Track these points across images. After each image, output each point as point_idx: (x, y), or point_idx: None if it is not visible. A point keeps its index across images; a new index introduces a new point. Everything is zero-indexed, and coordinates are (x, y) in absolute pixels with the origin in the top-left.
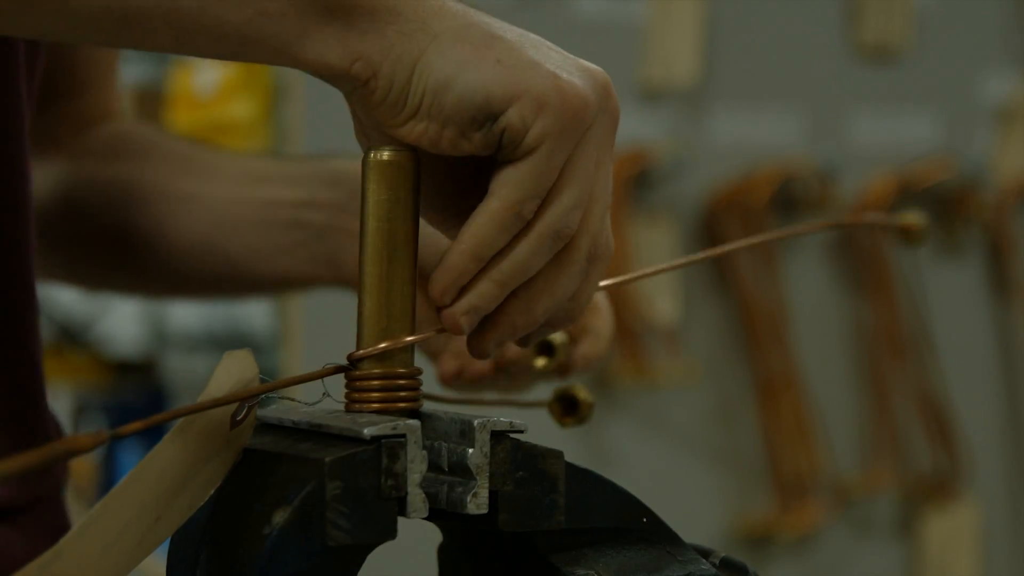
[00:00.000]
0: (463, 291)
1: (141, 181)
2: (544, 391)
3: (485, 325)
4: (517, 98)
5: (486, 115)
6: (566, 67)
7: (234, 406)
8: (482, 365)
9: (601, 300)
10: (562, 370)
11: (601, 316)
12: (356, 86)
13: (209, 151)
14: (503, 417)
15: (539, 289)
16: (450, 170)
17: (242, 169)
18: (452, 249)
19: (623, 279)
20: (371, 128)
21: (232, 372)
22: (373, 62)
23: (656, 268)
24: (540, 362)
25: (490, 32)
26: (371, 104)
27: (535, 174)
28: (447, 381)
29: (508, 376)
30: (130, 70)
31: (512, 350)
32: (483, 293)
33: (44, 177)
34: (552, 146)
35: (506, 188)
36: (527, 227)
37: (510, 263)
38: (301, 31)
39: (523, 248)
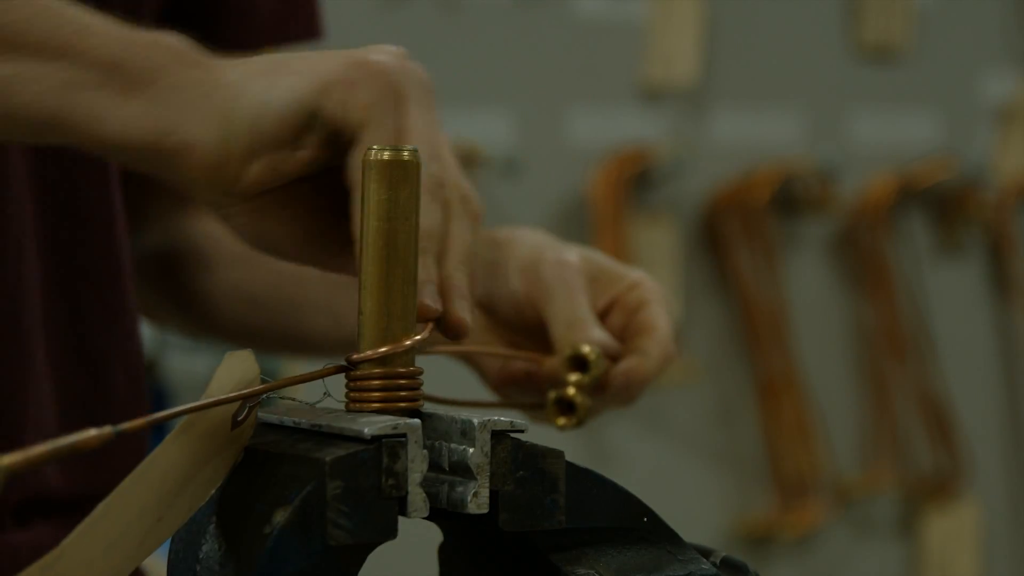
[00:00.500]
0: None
1: (226, 281)
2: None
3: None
4: (326, 89)
5: (308, 116)
6: (354, 54)
7: (235, 406)
8: (522, 365)
9: (659, 322)
10: (599, 386)
11: (653, 337)
12: (169, 161)
13: None
14: (504, 417)
15: (454, 246)
16: (300, 199)
17: None
18: (422, 253)
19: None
20: (210, 195)
21: (234, 372)
22: (181, 131)
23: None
24: (573, 377)
25: (274, 58)
26: (194, 173)
27: (375, 142)
28: (499, 386)
29: (545, 391)
30: None
31: (549, 365)
32: (459, 283)
33: (173, 230)
34: (379, 110)
35: (358, 168)
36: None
37: (456, 242)
38: (99, 109)
39: (455, 225)
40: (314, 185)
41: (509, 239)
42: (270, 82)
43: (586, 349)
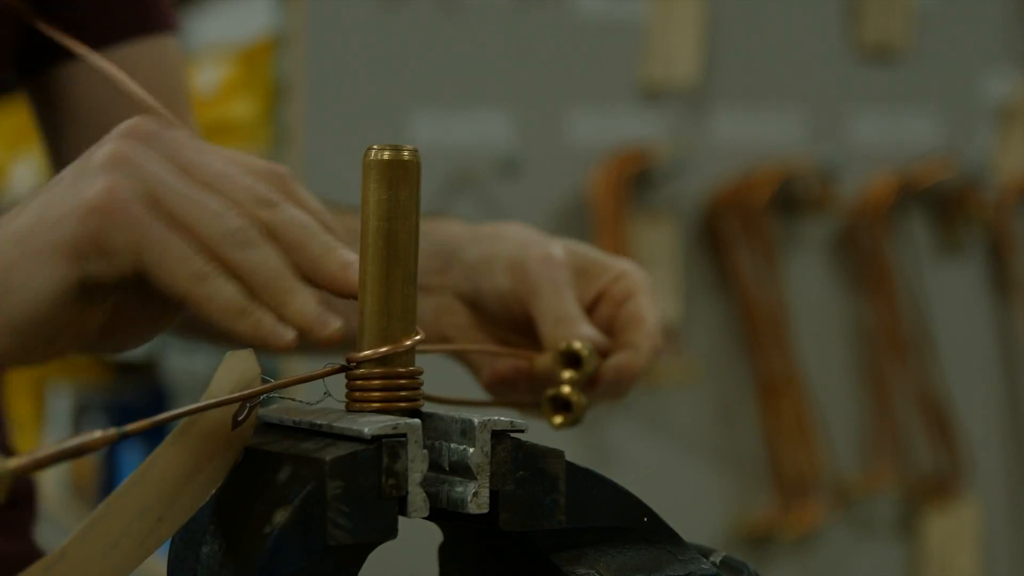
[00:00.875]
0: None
1: None
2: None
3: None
4: (78, 256)
5: (74, 291)
6: (76, 193)
7: (236, 406)
8: (514, 362)
9: (647, 314)
10: (590, 381)
11: (642, 330)
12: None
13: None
14: (504, 416)
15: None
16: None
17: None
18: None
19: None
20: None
21: (234, 372)
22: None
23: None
24: (567, 373)
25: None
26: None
27: (168, 262)
28: (491, 384)
29: (538, 388)
30: None
31: (541, 362)
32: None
33: None
34: (141, 237)
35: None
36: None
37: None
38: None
39: (244, 256)
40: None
41: (494, 235)
42: (28, 276)
43: (578, 346)
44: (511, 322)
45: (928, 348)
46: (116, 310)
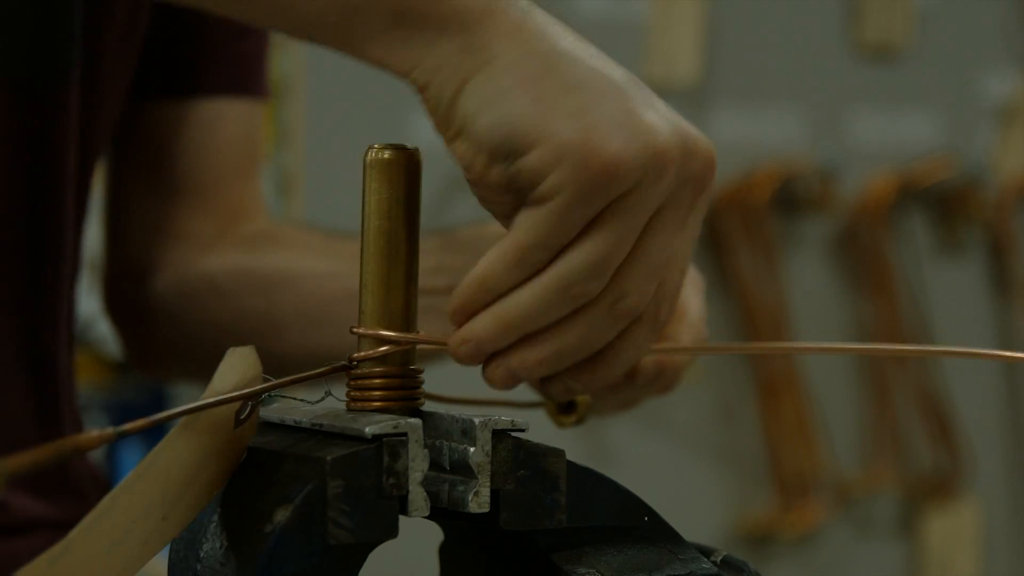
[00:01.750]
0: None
1: (284, 264)
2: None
3: (496, 357)
4: (540, 142)
5: (507, 151)
6: (620, 123)
7: (237, 404)
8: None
9: (689, 307)
10: (630, 373)
11: (684, 321)
12: (417, 90)
13: (347, 238)
14: (505, 416)
15: (552, 338)
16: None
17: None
18: (467, 275)
19: (673, 348)
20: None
21: (236, 369)
22: (426, 74)
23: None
24: None
25: (547, 66)
26: (428, 111)
27: (545, 224)
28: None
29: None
30: None
31: None
32: (484, 325)
33: (190, 271)
34: (567, 200)
35: (519, 229)
36: (538, 275)
37: (512, 303)
38: (369, 31)
39: (526, 293)
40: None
41: None
42: (511, 92)
43: None
44: None
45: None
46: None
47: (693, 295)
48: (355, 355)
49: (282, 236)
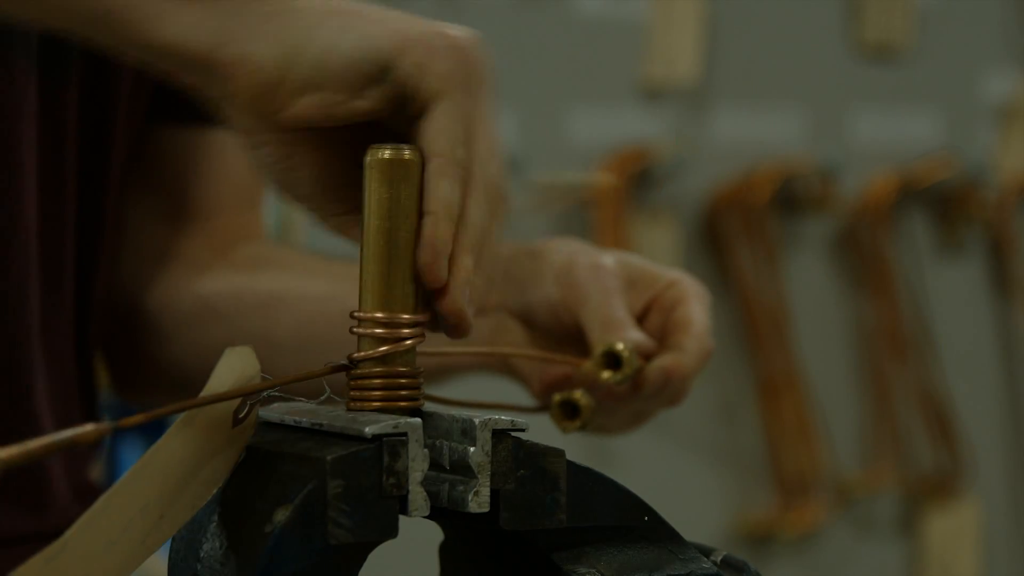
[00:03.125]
0: (450, 277)
1: (282, 285)
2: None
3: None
4: (406, 48)
5: (380, 69)
6: (435, 24)
7: (236, 403)
8: (563, 369)
9: (695, 318)
10: (636, 384)
11: (689, 332)
12: (218, 74)
13: (346, 262)
14: (505, 416)
15: (468, 228)
16: (334, 145)
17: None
18: (425, 222)
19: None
20: (249, 118)
21: (234, 368)
22: (240, 45)
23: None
24: (606, 374)
25: (358, 6)
26: (241, 90)
27: (452, 118)
28: (541, 392)
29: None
30: None
31: (587, 367)
32: (467, 266)
33: (183, 293)
34: (455, 88)
35: (436, 140)
36: (470, 185)
37: (473, 228)
38: (159, 9)
39: (475, 212)
40: (352, 134)
41: (543, 249)
42: (348, 23)
43: (619, 346)
44: (563, 333)
45: (928, 348)
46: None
47: (697, 308)
48: (355, 355)
49: (280, 258)
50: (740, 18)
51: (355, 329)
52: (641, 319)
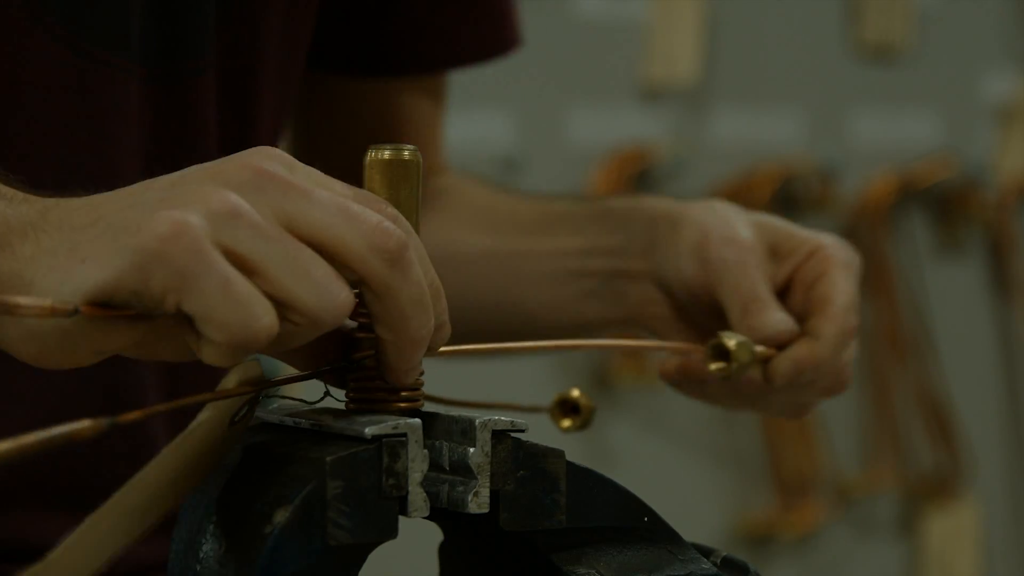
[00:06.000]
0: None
1: (445, 242)
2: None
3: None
4: (117, 278)
5: (100, 301)
6: (160, 207)
7: (234, 405)
8: (685, 360)
9: (835, 295)
10: (766, 376)
11: (827, 314)
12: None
13: (511, 196)
14: (504, 416)
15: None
16: None
17: (534, 215)
18: (385, 349)
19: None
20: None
21: (236, 372)
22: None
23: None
24: (714, 366)
25: (73, 243)
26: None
27: (199, 306)
28: (669, 377)
29: (697, 384)
30: None
31: (686, 360)
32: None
33: None
34: (185, 290)
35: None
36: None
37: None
38: None
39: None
40: None
41: (682, 217)
42: (64, 272)
43: (730, 342)
44: (705, 309)
45: (928, 348)
46: (148, 333)
47: (840, 281)
48: (355, 355)
49: (452, 201)
50: (740, 18)
51: (356, 332)
52: (784, 292)
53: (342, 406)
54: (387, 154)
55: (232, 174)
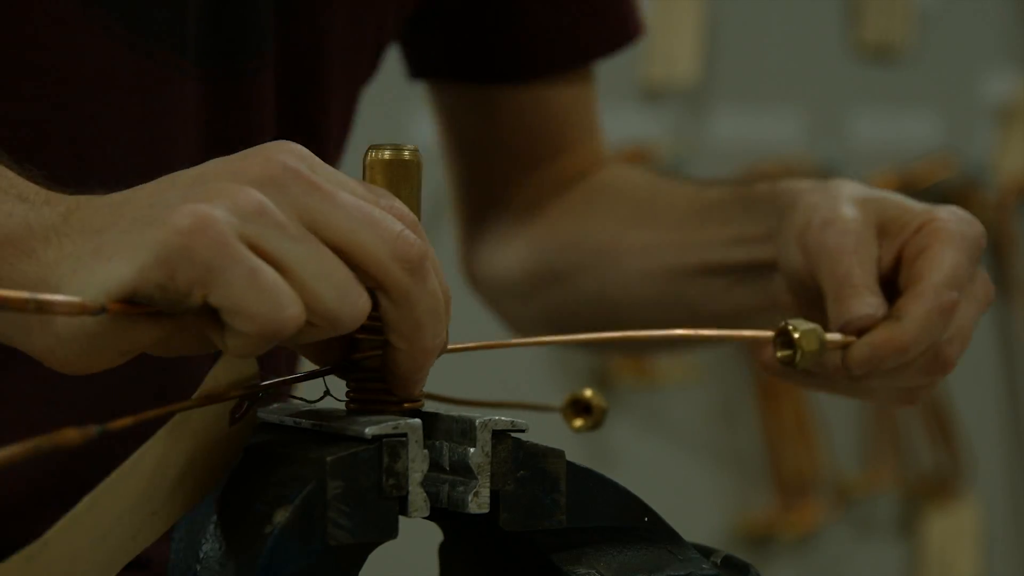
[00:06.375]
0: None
1: (607, 238)
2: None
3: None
4: (142, 273)
5: (127, 298)
6: (184, 203)
7: (232, 403)
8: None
9: (930, 272)
10: (847, 364)
11: (914, 292)
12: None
13: (669, 185)
14: (504, 416)
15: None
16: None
17: (688, 205)
18: (396, 358)
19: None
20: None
21: (231, 370)
22: (19, 343)
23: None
24: (780, 354)
25: (97, 244)
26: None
27: (225, 300)
28: (767, 368)
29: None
30: None
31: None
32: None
33: (525, 246)
34: (210, 282)
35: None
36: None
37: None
38: None
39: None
40: None
41: (793, 203)
42: (89, 273)
43: (796, 330)
44: (815, 298)
45: None
46: (172, 329)
47: (942, 255)
48: (355, 355)
49: (613, 197)
50: (740, 18)
51: (356, 334)
52: (891, 274)
53: (342, 406)
54: (387, 154)
55: (255, 170)
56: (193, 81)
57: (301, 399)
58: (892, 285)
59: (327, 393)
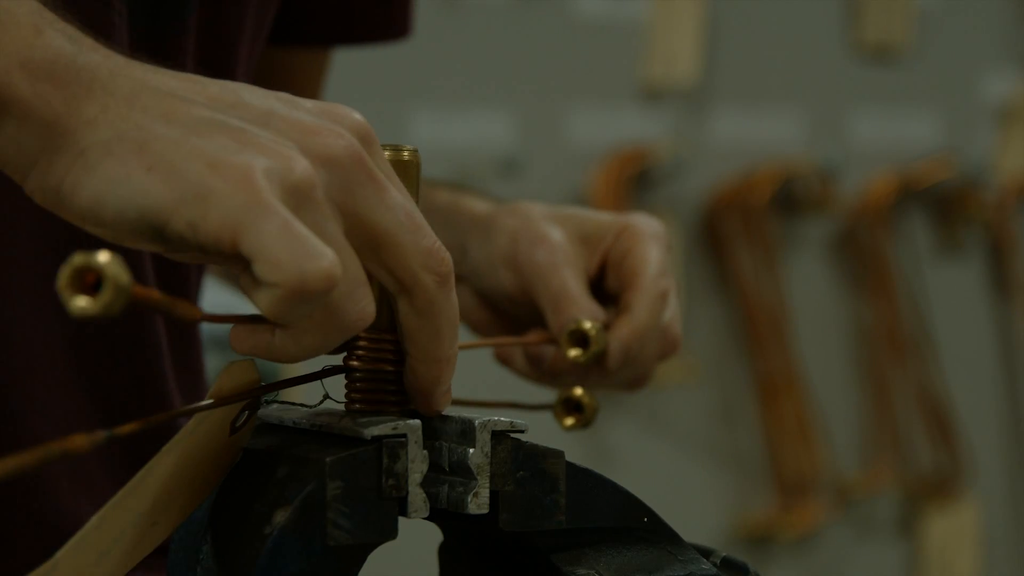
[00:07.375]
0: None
1: None
2: (549, 395)
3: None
4: (176, 204)
5: (150, 229)
6: (238, 143)
7: (234, 412)
8: (538, 350)
9: (642, 266)
10: (600, 360)
11: (635, 286)
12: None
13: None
14: (504, 417)
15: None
16: None
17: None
18: (416, 370)
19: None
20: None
21: (235, 379)
22: (19, 175)
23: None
24: (573, 352)
25: (143, 138)
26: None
27: (260, 252)
28: (540, 379)
29: (550, 372)
30: None
31: (550, 350)
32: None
33: None
34: (242, 228)
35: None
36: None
37: (450, 353)
38: None
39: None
40: None
41: (490, 226)
42: (120, 175)
43: (587, 325)
44: (528, 319)
45: (928, 348)
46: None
47: (646, 251)
48: (355, 356)
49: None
50: (740, 18)
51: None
52: (599, 281)
53: (342, 407)
54: (387, 154)
55: (322, 142)
56: (126, 34)
57: (300, 404)
58: (600, 289)
59: (327, 395)
